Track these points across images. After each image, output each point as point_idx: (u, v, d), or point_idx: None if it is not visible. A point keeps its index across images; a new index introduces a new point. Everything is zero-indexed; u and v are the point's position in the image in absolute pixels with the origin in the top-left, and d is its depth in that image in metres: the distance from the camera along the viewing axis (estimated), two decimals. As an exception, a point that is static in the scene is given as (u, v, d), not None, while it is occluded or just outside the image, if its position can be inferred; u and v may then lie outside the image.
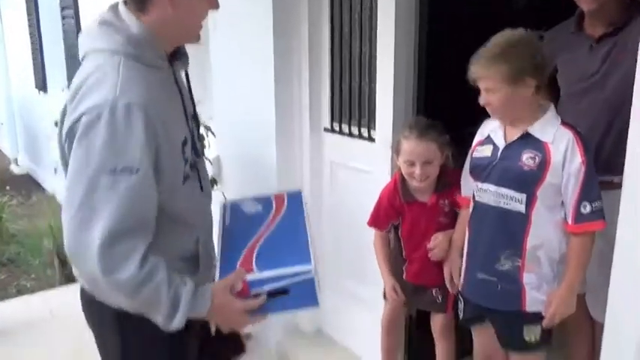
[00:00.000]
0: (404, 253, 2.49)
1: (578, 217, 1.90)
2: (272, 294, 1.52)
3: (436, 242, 2.35)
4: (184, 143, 1.52)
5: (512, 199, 1.97)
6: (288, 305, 1.56)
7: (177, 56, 1.59)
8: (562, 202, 1.95)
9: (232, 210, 1.76)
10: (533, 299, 2.02)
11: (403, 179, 2.36)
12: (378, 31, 2.71)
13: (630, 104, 1.77)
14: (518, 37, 1.92)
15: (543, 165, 1.91)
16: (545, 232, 1.97)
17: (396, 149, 2.35)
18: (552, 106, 2.00)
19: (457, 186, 2.28)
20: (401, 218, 2.43)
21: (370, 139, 2.90)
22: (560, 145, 1.90)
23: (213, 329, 1.58)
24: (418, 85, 2.71)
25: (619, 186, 1.90)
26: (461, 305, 2.26)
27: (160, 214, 1.46)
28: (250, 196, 1.75)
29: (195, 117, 1.67)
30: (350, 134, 3.04)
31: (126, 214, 1.34)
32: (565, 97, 2.40)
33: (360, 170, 2.95)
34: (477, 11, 2.75)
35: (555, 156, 1.90)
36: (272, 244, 1.60)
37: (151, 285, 1.38)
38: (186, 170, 1.53)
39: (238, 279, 1.50)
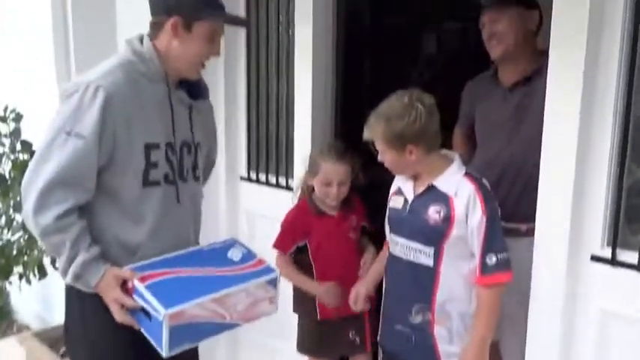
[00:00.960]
0: (315, 279, 2.39)
1: (484, 268, 1.86)
2: (143, 310, 1.67)
3: (357, 294, 2.25)
4: (152, 147, 1.76)
5: (420, 253, 1.94)
6: (148, 331, 1.69)
7: (187, 86, 1.89)
8: (472, 254, 1.91)
9: (222, 247, 1.90)
10: (446, 353, 1.96)
11: (311, 198, 2.40)
12: (295, 72, 2.63)
13: (537, 154, 1.83)
14: (401, 103, 1.89)
15: (448, 219, 1.88)
16: (455, 286, 1.93)
17: (312, 170, 2.35)
18: (457, 158, 1.98)
19: (359, 207, 2.39)
20: (308, 239, 2.39)
21: (288, 188, 2.78)
22: (462, 198, 1.87)
23: None
24: (336, 132, 2.66)
25: (526, 234, 2.01)
26: (380, 355, 2.19)
27: (113, 198, 1.75)
28: (249, 247, 1.88)
29: (191, 146, 1.90)
30: (267, 183, 2.91)
31: (66, 168, 1.64)
32: (480, 144, 2.41)
33: (279, 221, 2.82)
34: (396, 52, 2.76)
35: (458, 209, 1.87)
36: (189, 281, 1.71)
37: (58, 237, 1.66)
38: (152, 175, 1.77)
39: (130, 278, 1.70)
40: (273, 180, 2.89)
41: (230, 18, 1.91)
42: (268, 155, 2.92)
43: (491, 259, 1.85)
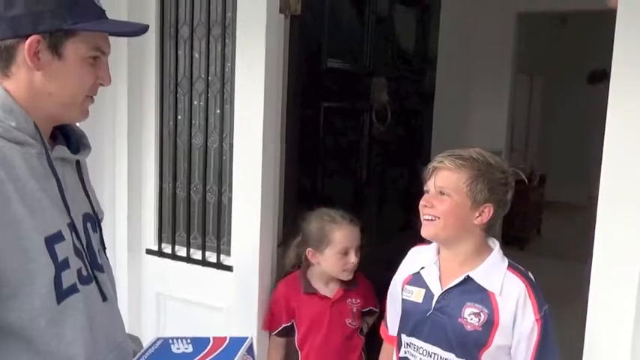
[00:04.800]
0: None
1: None
2: None
3: None
4: (55, 239, 1.14)
5: None
6: None
7: (60, 139, 1.26)
8: None
9: (160, 347, 1.46)
10: None
11: (305, 273, 2.04)
12: (236, 123, 2.09)
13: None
14: (501, 162, 1.58)
15: (490, 324, 1.50)
16: None
17: (322, 242, 1.95)
18: (498, 245, 1.60)
19: (365, 290, 2.05)
20: (296, 321, 2.01)
21: (220, 266, 2.19)
22: (510, 299, 1.50)
23: None
24: (288, 194, 2.14)
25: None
26: None
27: (18, 342, 1.09)
28: (189, 336, 1.45)
29: (94, 219, 1.30)
30: (188, 259, 2.27)
31: None
32: None
33: (207, 307, 2.20)
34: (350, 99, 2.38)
35: (504, 312, 1.50)
36: None
37: None
38: (66, 281, 1.15)
39: None
40: (197, 255, 2.25)
41: (118, 25, 1.25)
42: (191, 221, 2.28)
43: None
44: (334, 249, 1.94)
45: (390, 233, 2.48)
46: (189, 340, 1.48)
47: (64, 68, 1.15)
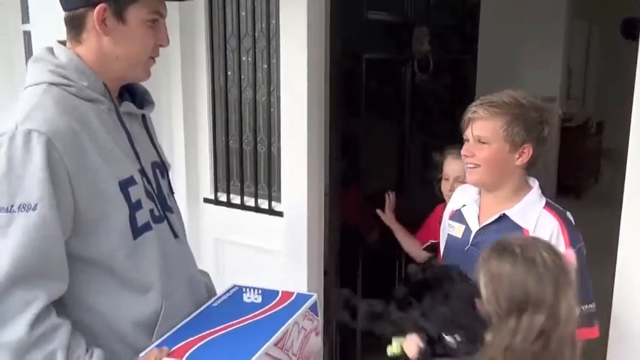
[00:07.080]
0: None
1: None
2: None
3: None
4: (128, 183, 1.31)
5: None
6: None
7: (127, 96, 1.41)
8: None
9: (233, 295, 1.59)
10: None
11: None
12: (281, 74, 2.20)
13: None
14: (534, 101, 1.61)
15: None
16: None
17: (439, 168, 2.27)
18: (537, 184, 1.66)
19: None
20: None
21: (272, 212, 2.33)
22: (542, 236, 1.52)
23: None
24: (332, 142, 2.24)
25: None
26: None
27: (98, 271, 1.29)
28: (261, 287, 1.57)
29: (162, 166, 1.47)
30: (242, 206, 2.43)
31: (22, 258, 1.18)
32: None
33: (261, 250, 2.36)
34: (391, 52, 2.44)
35: None
36: (230, 339, 1.41)
37: (42, 352, 1.19)
38: (140, 219, 1.32)
39: (160, 358, 1.27)
40: (250, 202, 2.40)
41: None
42: (243, 172, 2.43)
43: None
44: (442, 175, 2.20)
45: (432, 182, 2.56)
46: (260, 291, 1.60)
47: (128, 32, 1.28)
